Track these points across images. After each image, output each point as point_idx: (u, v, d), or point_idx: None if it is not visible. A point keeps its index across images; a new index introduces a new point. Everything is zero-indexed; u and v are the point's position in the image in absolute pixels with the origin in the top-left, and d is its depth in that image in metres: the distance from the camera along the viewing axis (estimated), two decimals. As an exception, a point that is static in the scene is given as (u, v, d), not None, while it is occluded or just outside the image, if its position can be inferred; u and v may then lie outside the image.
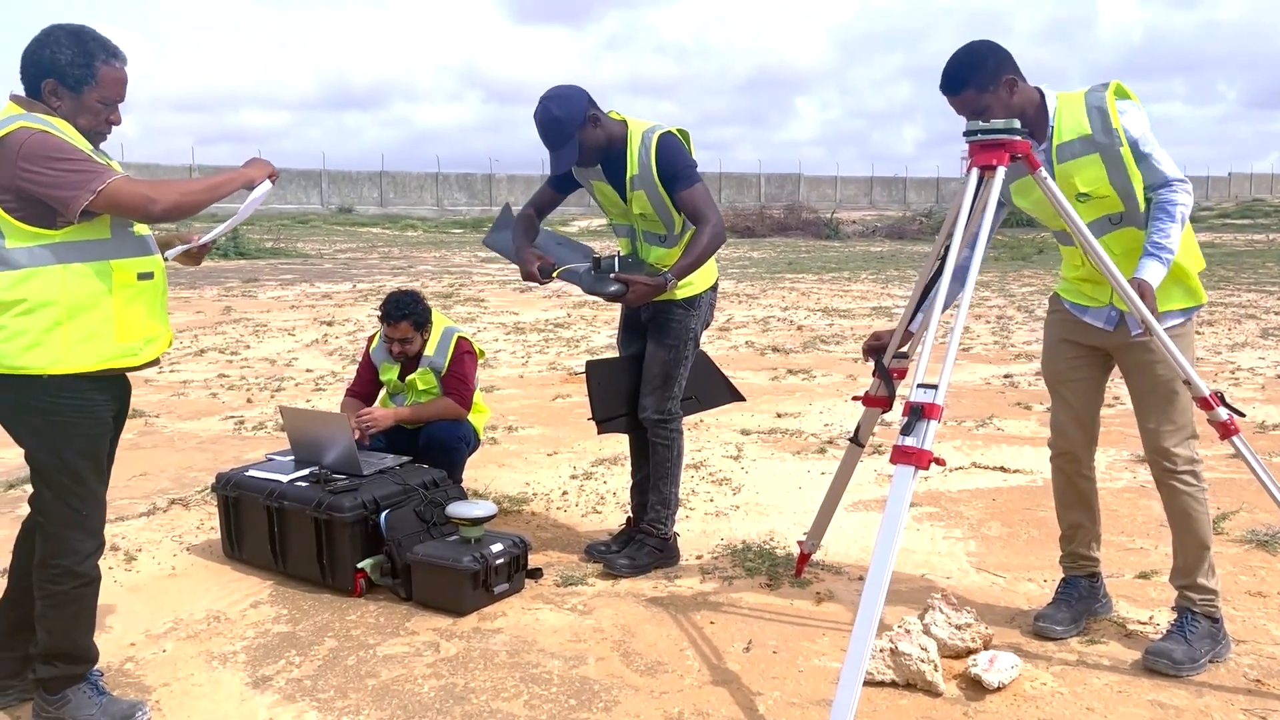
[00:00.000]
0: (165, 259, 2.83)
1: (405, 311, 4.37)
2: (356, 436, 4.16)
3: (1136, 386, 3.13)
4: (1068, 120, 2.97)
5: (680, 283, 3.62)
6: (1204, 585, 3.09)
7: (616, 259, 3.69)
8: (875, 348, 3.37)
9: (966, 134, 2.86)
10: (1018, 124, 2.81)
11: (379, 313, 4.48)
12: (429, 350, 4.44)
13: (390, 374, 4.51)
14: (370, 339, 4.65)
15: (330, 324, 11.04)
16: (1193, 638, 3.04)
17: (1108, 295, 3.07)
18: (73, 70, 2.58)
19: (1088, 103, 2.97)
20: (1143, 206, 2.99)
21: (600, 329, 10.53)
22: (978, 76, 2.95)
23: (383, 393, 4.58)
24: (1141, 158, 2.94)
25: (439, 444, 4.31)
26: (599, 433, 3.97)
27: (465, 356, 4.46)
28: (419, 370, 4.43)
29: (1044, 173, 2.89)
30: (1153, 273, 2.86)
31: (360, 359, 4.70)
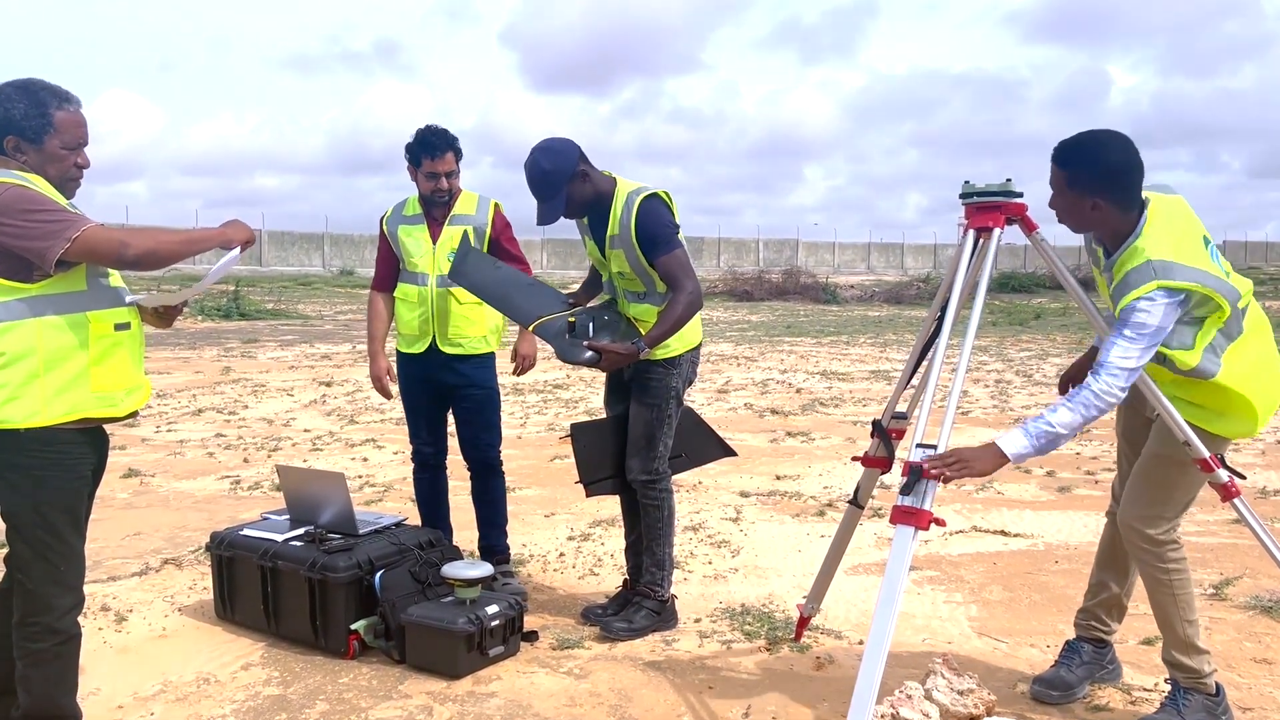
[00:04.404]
0: (134, 305, 2.80)
1: (450, 141, 4.08)
2: (519, 373, 4.39)
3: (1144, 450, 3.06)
4: (1121, 266, 2.79)
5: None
6: (1184, 663, 2.99)
7: (592, 321, 3.67)
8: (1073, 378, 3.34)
9: (962, 196, 2.89)
10: (1014, 185, 2.83)
11: (410, 156, 4.10)
12: (468, 209, 4.20)
13: (416, 236, 4.17)
14: (381, 220, 4.31)
15: (329, 384, 11.04)
16: (1186, 710, 2.97)
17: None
18: (29, 122, 2.62)
19: (1129, 273, 2.74)
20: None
21: (599, 389, 10.52)
22: (1077, 172, 2.78)
23: (407, 287, 4.22)
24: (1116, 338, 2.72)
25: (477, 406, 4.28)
26: (587, 495, 3.94)
27: (508, 227, 4.26)
28: (454, 229, 4.15)
29: (1040, 234, 2.91)
30: (1010, 441, 2.65)
31: (378, 252, 4.34)
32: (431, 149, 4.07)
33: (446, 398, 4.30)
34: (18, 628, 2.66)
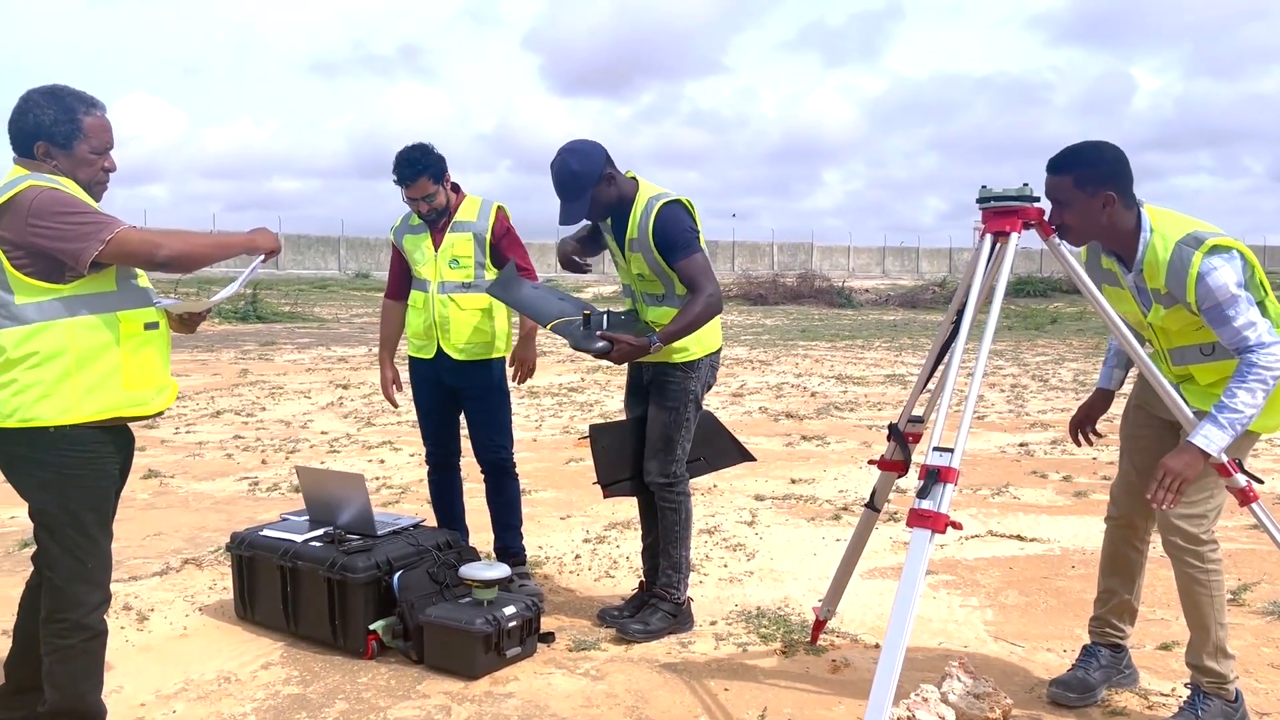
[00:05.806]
0: (164, 308, 2.84)
1: (418, 169, 4.00)
2: (519, 382, 4.29)
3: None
4: (1151, 265, 2.83)
5: (674, 346, 3.64)
6: (1211, 668, 2.99)
7: (607, 316, 3.71)
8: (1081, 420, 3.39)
9: (979, 200, 2.90)
10: (1031, 189, 2.84)
11: (394, 179, 4.07)
12: (469, 215, 4.15)
13: (420, 244, 4.17)
14: (391, 230, 4.34)
15: (346, 387, 11.10)
16: (1204, 716, 2.96)
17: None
18: (59, 128, 2.66)
19: (1172, 258, 2.79)
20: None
21: (614, 393, 10.55)
22: (1082, 173, 2.84)
23: (417, 296, 4.23)
24: (1215, 322, 2.76)
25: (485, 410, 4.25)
26: (605, 496, 3.96)
27: (512, 229, 4.19)
28: (455, 236, 4.12)
29: (1056, 239, 2.91)
30: (1207, 438, 2.70)
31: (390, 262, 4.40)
32: (402, 178, 4.06)
33: (457, 400, 4.32)
34: (45, 623, 2.70)
